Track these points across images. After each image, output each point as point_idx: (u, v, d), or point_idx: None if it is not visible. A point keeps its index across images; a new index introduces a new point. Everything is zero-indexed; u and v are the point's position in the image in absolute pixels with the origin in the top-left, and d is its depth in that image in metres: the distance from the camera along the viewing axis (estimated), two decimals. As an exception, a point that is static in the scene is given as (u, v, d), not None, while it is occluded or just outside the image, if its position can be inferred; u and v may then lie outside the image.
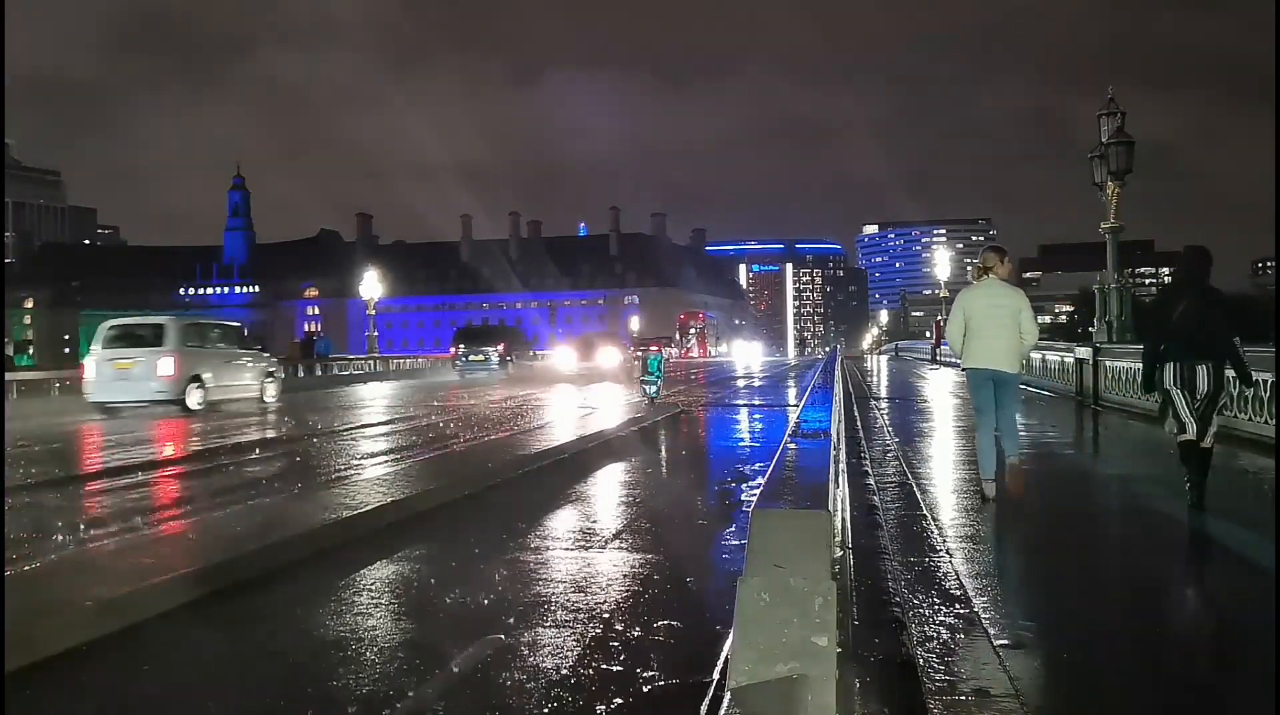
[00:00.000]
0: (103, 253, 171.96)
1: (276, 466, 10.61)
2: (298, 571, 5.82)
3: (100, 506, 8.12)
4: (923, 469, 9.22)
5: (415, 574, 5.95)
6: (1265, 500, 7.78)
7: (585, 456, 11.12)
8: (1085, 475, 9.92)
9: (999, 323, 7.19)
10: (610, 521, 7.60)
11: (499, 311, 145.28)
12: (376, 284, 44.86)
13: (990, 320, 7.21)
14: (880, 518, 6.66)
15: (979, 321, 7.25)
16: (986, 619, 4.36)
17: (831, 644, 2.36)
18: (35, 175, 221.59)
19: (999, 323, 7.19)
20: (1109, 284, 18.08)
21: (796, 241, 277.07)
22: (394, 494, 7.77)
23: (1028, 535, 6.72)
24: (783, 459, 3.69)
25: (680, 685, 3.91)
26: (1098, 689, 3.70)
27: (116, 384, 17.65)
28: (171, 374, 17.52)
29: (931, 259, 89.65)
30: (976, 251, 9.34)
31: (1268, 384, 10.40)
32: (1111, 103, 17.53)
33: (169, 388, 17.56)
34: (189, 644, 4.69)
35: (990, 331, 7.21)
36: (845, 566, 4.09)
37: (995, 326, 7.20)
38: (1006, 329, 7.18)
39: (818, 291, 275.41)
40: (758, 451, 11.83)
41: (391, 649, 4.53)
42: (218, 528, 6.70)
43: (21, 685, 3.95)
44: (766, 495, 2.93)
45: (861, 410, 15.42)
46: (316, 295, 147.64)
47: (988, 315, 7.22)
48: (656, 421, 15.34)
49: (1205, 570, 5.75)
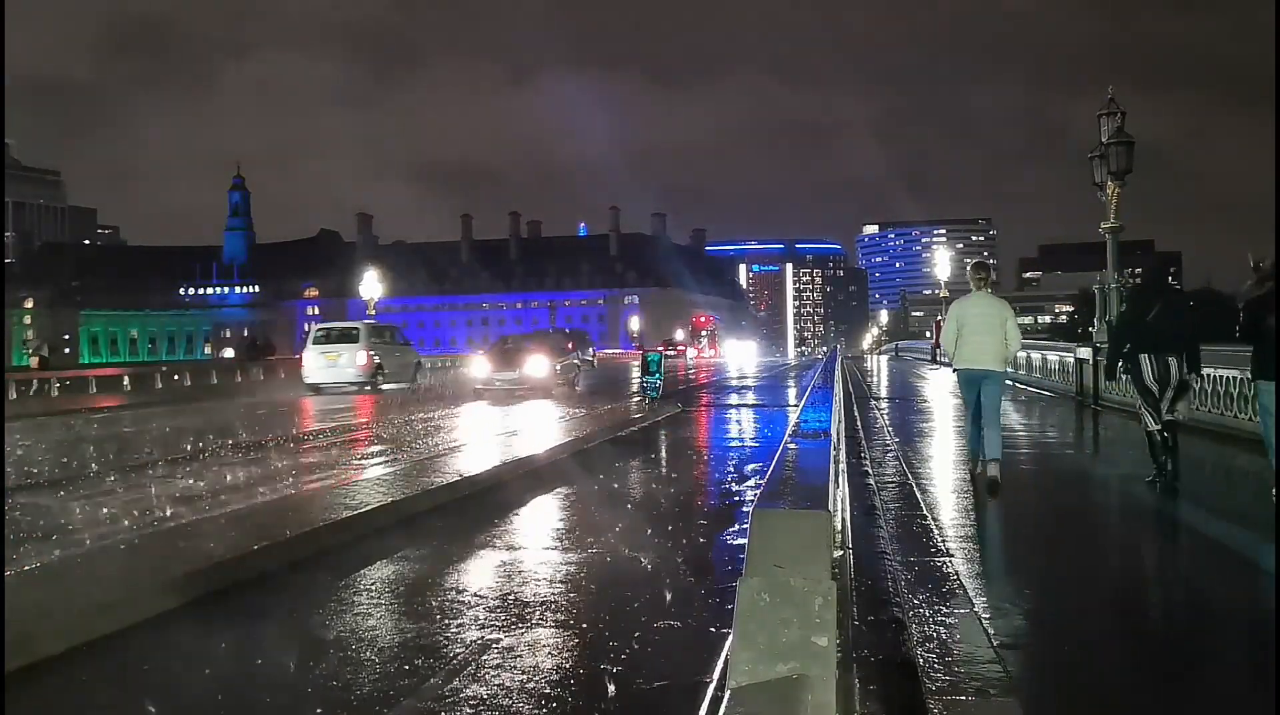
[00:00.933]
0: (103, 253, 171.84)
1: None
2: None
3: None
4: (923, 469, 9.23)
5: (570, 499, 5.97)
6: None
7: (580, 458, 11.13)
8: (1085, 475, 9.93)
9: (988, 329, 8.20)
10: (609, 521, 7.59)
11: (498, 311, 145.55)
12: (376, 284, 44.81)
13: (981, 326, 8.22)
14: (880, 518, 6.67)
15: (971, 327, 8.26)
16: (986, 619, 4.37)
17: (831, 644, 2.36)
18: (35, 175, 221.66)
19: (988, 329, 8.20)
20: (1109, 284, 18.06)
21: (796, 241, 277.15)
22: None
23: (1028, 535, 6.73)
24: (783, 459, 3.68)
25: (680, 685, 3.91)
26: (1098, 689, 3.71)
27: (326, 370, 23.59)
28: (365, 364, 23.53)
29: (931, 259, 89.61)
30: (977, 251, 10.46)
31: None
32: (1111, 103, 17.52)
33: (364, 374, 23.50)
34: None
35: (980, 336, 8.22)
36: (845, 566, 4.09)
37: (985, 332, 8.20)
38: (994, 334, 8.18)
39: (818, 291, 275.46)
40: (758, 451, 11.83)
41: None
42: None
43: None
44: (766, 495, 2.93)
45: (861, 410, 15.42)
46: (316, 295, 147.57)
47: (979, 322, 8.24)
48: (657, 421, 15.35)
49: (1206, 570, 5.74)
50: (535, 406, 18.10)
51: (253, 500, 7.46)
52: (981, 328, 8.21)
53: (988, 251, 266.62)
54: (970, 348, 8.25)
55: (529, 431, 13.31)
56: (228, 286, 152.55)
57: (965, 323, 8.30)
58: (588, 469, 10.10)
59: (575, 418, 15.41)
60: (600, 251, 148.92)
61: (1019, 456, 10.91)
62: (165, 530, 6.36)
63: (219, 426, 14.09)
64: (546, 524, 7.69)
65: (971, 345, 8.24)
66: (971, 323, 8.27)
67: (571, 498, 8.82)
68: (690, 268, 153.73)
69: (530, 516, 7.96)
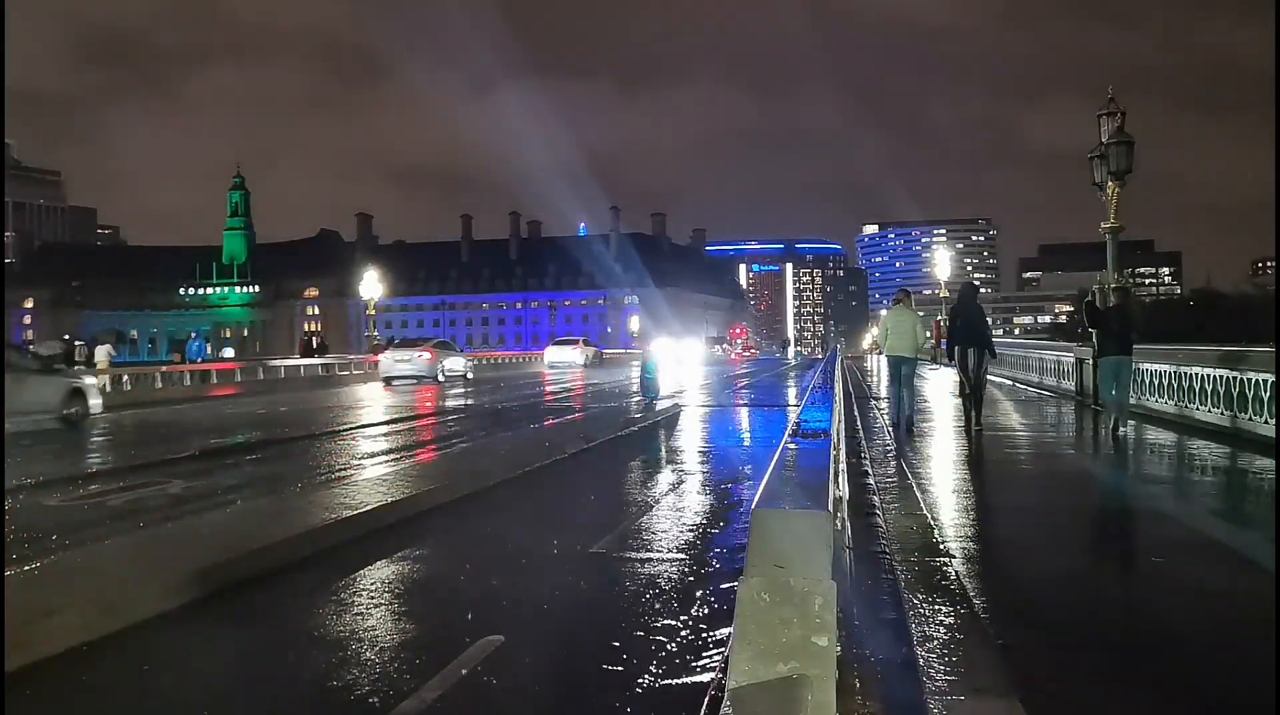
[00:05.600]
0: (103, 253, 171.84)
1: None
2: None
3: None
4: (922, 469, 9.23)
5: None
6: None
7: (574, 461, 11.14)
8: (1084, 475, 9.92)
9: (904, 330, 13.38)
10: (606, 522, 7.59)
11: (498, 311, 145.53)
12: (376, 284, 44.87)
13: (900, 330, 13.39)
14: (880, 518, 6.66)
15: (894, 330, 13.46)
16: (986, 619, 4.37)
17: (831, 644, 2.36)
18: (35, 175, 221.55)
19: (904, 330, 13.38)
20: (1109, 284, 18.04)
21: (796, 241, 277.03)
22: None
23: (1028, 535, 6.73)
24: (783, 459, 3.68)
25: (680, 685, 3.91)
26: (1099, 688, 3.71)
27: (398, 366, 30.96)
28: (430, 359, 31.08)
29: (931, 259, 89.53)
30: (977, 251, 16.40)
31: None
32: (1111, 102, 17.50)
33: (429, 368, 30.84)
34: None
35: (899, 337, 13.34)
36: (845, 566, 4.09)
37: (902, 333, 13.36)
38: (909, 335, 13.36)
39: (818, 291, 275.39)
40: (758, 451, 11.84)
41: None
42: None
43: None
44: (766, 495, 2.93)
45: (861, 410, 15.42)
46: (316, 295, 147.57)
47: (899, 327, 13.43)
48: (656, 421, 15.36)
49: (1206, 570, 5.73)
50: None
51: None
52: (900, 331, 13.37)
53: (987, 251, 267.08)
54: (893, 343, 13.38)
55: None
56: (228, 286, 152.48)
57: (890, 328, 13.60)
58: (576, 473, 10.05)
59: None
60: (600, 251, 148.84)
61: (1019, 456, 10.94)
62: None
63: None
64: (547, 523, 7.68)
65: (894, 341, 13.36)
66: (895, 327, 13.49)
67: (566, 497, 8.84)
68: (690, 267, 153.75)
69: (530, 516, 7.96)
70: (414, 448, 12.81)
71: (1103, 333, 12.66)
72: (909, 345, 13.26)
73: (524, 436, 13.58)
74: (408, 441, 13.76)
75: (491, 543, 6.91)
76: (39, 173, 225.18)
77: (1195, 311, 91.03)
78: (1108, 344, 12.36)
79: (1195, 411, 12.68)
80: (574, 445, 11.74)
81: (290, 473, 10.03)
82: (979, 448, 11.31)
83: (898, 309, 13.80)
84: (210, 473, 10.22)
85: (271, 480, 9.51)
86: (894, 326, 13.49)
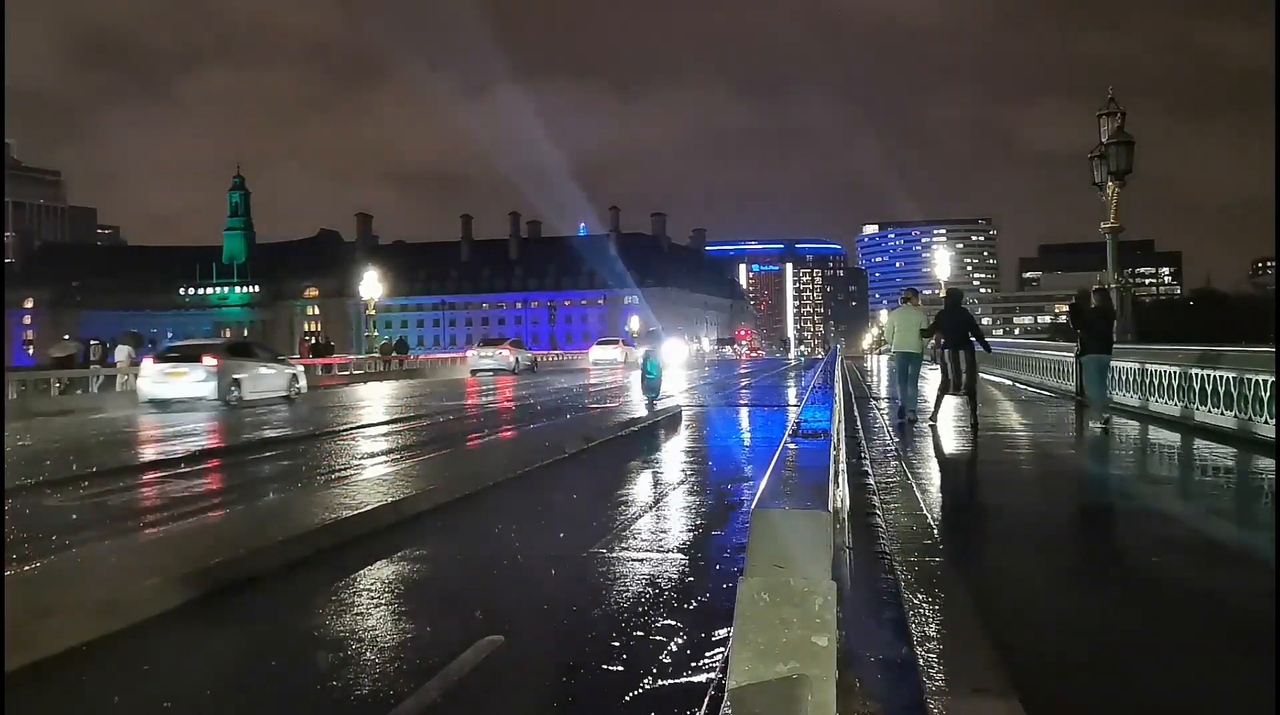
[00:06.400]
0: (103, 253, 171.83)
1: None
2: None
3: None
4: (923, 469, 9.22)
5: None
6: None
7: (572, 461, 11.16)
8: (1084, 475, 9.92)
9: (910, 328, 13.95)
10: (604, 522, 7.59)
11: (498, 311, 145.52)
12: (376, 284, 44.90)
13: (908, 327, 13.97)
14: (880, 518, 6.66)
15: (902, 328, 14.02)
16: (986, 619, 4.36)
17: (831, 644, 2.36)
18: (35, 175, 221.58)
19: (910, 328, 13.95)
20: (1109, 284, 18.06)
21: (796, 241, 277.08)
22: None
23: (1028, 535, 6.72)
24: (783, 459, 3.68)
25: (680, 685, 3.91)
26: (1099, 688, 3.70)
27: (483, 360, 42.13)
28: (508, 355, 42.31)
29: (931, 259, 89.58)
30: (976, 251, 16.67)
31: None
32: (1111, 103, 17.53)
33: (507, 362, 41.73)
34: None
35: (906, 332, 13.96)
36: (845, 566, 4.09)
37: (908, 330, 13.95)
38: (915, 332, 13.90)
39: (818, 291, 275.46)
40: (757, 451, 11.84)
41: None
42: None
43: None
44: (766, 495, 2.93)
45: (861, 410, 15.42)
46: (316, 295, 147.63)
47: (906, 324, 14.01)
48: (657, 421, 15.35)
49: (1208, 570, 5.73)
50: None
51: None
52: (908, 328, 13.96)
53: (987, 251, 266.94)
54: (901, 339, 13.99)
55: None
56: (228, 286, 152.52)
57: (899, 326, 14.15)
58: (577, 473, 10.08)
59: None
60: (600, 251, 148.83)
61: (1019, 456, 10.94)
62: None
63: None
64: (547, 522, 7.69)
65: (902, 337, 13.97)
66: (903, 325, 14.04)
67: (565, 496, 8.86)
68: (690, 267, 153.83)
69: (530, 515, 7.98)
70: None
71: (1086, 332, 13.07)
72: (916, 342, 13.88)
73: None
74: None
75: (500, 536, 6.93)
76: (39, 173, 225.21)
77: (1196, 311, 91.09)
78: (1090, 342, 12.82)
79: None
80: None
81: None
82: (979, 448, 11.31)
83: (905, 308, 14.45)
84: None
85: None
86: (902, 324, 14.03)
